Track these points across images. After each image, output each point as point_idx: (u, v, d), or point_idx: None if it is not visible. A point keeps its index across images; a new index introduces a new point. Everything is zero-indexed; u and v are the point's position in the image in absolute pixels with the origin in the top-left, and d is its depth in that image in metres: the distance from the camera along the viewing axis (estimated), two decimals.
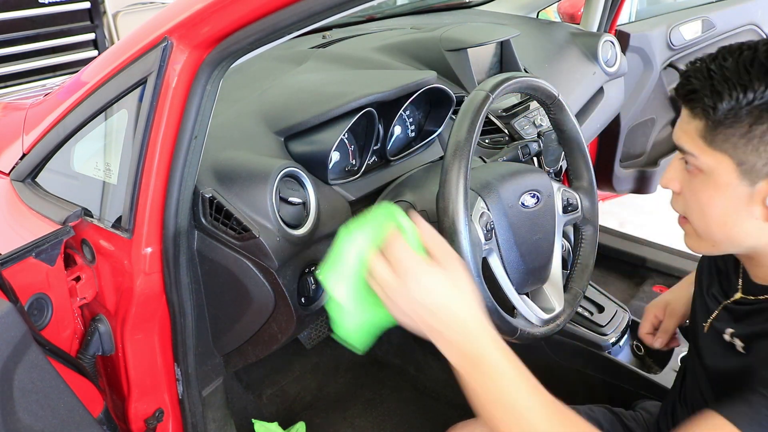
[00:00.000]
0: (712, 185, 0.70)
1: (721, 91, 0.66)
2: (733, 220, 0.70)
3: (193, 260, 1.02)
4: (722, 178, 0.68)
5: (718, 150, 0.68)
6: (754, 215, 0.68)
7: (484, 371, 0.67)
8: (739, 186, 0.67)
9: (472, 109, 0.89)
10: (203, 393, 1.15)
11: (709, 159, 0.69)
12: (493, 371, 0.67)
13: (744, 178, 0.67)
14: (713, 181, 0.69)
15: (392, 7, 2.32)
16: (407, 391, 1.70)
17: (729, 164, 0.67)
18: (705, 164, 0.69)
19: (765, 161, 0.65)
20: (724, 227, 0.71)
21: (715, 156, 0.68)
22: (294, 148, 1.09)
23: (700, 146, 0.69)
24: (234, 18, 0.80)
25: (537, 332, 0.96)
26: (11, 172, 1.22)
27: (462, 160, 0.85)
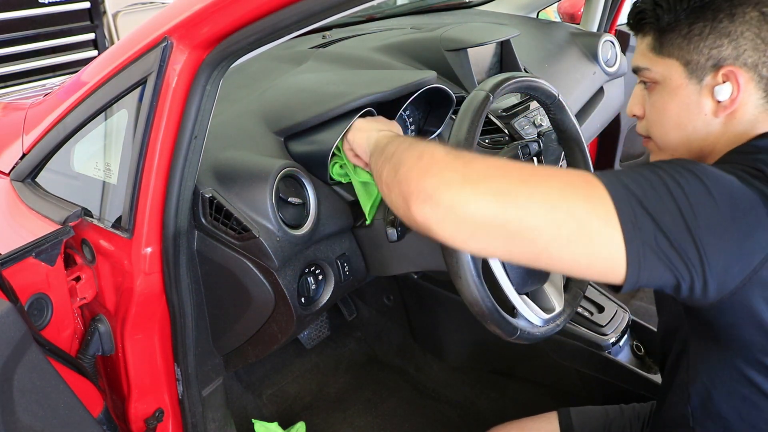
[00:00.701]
0: (667, 91, 0.78)
1: (663, 5, 0.75)
2: (686, 119, 0.77)
3: (193, 260, 1.02)
4: (674, 81, 0.76)
5: (666, 56, 0.76)
6: (703, 110, 0.75)
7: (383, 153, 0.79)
8: (689, 85, 0.75)
9: (472, 109, 0.89)
10: (203, 393, 1.15)
11: (660, 67, 0.77)
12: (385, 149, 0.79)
13: (692, 77, 0.75)
14: (667, 87, 0.77)
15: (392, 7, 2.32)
16: (407, 391, 1.70)
17: (677, 67, 0.75)
18: (658, 74, 0.78)
19: (707, 57, 0.73)
20: (679, 128, 0.78)
21: (665, 62, 0.76)
22: (294, 148, 1.09)
23: (651, 58, 0.78)
24: (234, 18, 0.80)
25: (537, 332, 0.96)
26: (11, 172, 1.22)
27: None
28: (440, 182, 0.63)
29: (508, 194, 0.60)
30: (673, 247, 0.59)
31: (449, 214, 0.62)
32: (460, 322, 1.60)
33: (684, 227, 0.59)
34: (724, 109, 0.74)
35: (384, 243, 1.08)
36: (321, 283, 1.08)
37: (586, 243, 0.59)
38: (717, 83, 0.73)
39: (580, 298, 1.07)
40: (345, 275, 1.10)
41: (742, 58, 0.71)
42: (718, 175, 0.63)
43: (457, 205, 0.61)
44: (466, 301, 0.86)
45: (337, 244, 1.09)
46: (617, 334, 1.37)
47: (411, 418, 1.62)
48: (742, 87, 0.72)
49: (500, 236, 0.61)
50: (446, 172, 0.64)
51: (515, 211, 0.60)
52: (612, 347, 1.36)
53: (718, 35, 0.72)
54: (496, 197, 0.60)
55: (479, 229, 0.61)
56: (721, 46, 0.72)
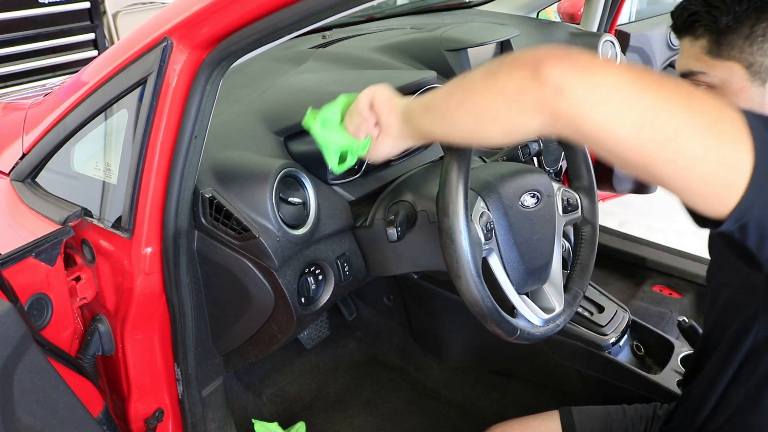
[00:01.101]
0: (728, 95, 0.73)
1: (719, 5, 0.70)
2: None
3: (193, 260, 1.02)
4: (735, 84, 0.72)
5: (726, 59, 0.72)
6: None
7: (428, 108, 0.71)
8: (752, 87, 0.71)
9: None
10: (203, 393, 1.15)
11: (720, 71, 0.72)
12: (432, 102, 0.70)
13: (755, 79, 0.71)
14: (728, 90, 0.73)
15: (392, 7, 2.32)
16: (407, 391, 1.70)
17: (739, 69, 0.71)
18: (717, 77, 0.73)
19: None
20: None
21: (725, 65, 0.72)
22: (294, 148, 1.09)
23: (708, 62, 0.73)
24: (234, 18, 0.80)
25: (537, 332, 0.96)
26: (11, 172, 1.22)
27: (462, 160, 0.85)
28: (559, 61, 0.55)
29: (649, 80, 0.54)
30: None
31: (585, 72, 0.54)
32: (460, 322, 1.60)
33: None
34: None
35: (384, 243, 1.08)
36: (321, 283, 1.08)
37: (717, 140, 0.53)
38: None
39: (580, 298, 1.08)
40: (345, 275, 1.10)
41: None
42: None
43: (594, 67, 0.54)
44: (466, 301, 0.86)
45: (337, 244, 1.09)
46: (617, 334, 1.37)
47: (411, 418, 1.62)
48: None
49: (634, 107, 0.53)
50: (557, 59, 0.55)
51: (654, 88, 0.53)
52: (612, 347, 1.36)
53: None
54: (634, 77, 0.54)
55: (614, 95, 0.53)
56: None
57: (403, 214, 1.01)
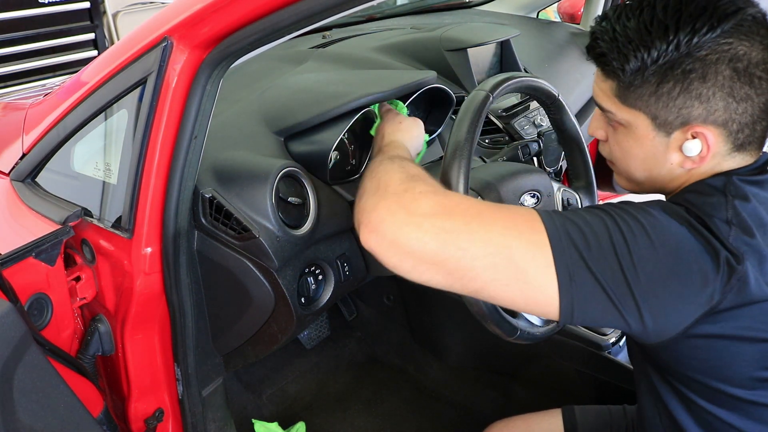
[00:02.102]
0: (632, 137, 0.75)
1: (627, 54, 0.70)
2: (652, 165, 0.75)
3: (193, 260, 1.02)
4: (640, 131, 0.74)
5: (632, 107, 0.73)
6: (670, 161, 0.73)
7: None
8: (656, 138, 0.73)
9: (472, 109, 0.89)
10: (203, 393, 1.15)
11: (626, 115, 0.74)
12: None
13: (660, 131, 0.72)
14: (632, 133, 0.75)
15: (392, 7, 2.32)
16: (407, 391, 1.70)
17: (644, 119, 0.72)
18: (623, 119, 0.74)
19: (675, 115, 0.70)
20: (644, 170, 0.77)
21: (631, 112, 0.73)
22: (294, 148, 1.09)
23: (616, 104, 0.74)
24: (234, 18, 0.80)
25: (537, 332, 0.96)
26: (11, 172, 1.22)
27: (462, 160, 0.85)
28: (386, 215, 0.67)
29: (450, 234, 0.63)
30: (610, 300, 0.62)
31: (392, 247, 0.66)
32: (460, 322, 1.60)
33: (623, 283, 0.61)
34: (693, 163, 0.72)
35: None
36: (321, 283, 1.08)
37: (523, 288, 0.63)
38: (686, 139, 0.71)
39: None
40: (345, 275, 1.10)
41: (712, 117, 0.69)
42: (667, 229, 0.64)
43: (399, 239, 0.65)
44: (466, 301, 0.86)
45: (337, 244, 1.09)
46: (617, 334, 1.37)
47: (411, 418, 1.62)
48: (712, 145, 0.70)
49: (441, 271, 0.64)
50: (394, 205, 0.68)
51: (455, 251, 0.63)
52: (612, 347, 1.36)
53: (688, 96, 0.68)
54: (438, 236, 0.63)
55: (421, 263, 0.65)
56: (691, 107, 0.69)
57: None
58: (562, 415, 1.10)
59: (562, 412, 1.10)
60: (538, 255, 0.62)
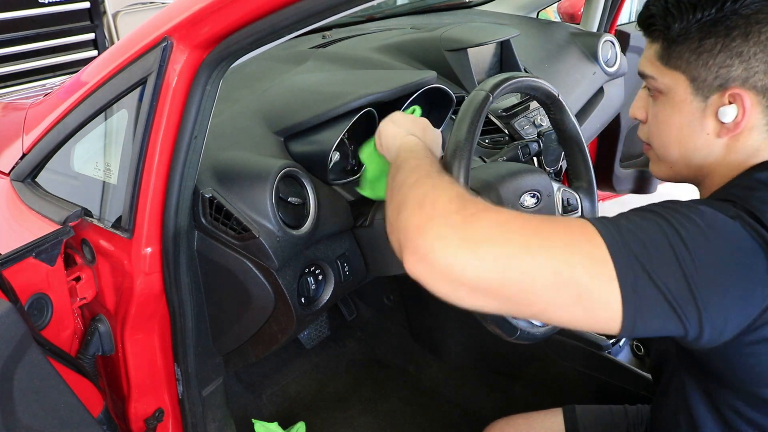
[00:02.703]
0: (670, 104, 0.75)
1: (674, 12, 0.70)
2: (688, 136, 0.74)
3: (193, 260, 1.02)
4: (678, 95, 0.73)
5: (673, 68, 0.73)
6: (706, 130, 0.72)
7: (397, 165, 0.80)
8: (694, 101, 0.72)
9: (472, 109, 0.89)
10: (203, 393, 1.15)
11: (666, 78, 0.74)
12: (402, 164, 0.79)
13: (697, 94, 0.71)
14: (671, 99, 0.74)
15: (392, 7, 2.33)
16: (407, 391, 1.70)
17: (683, 81, 0.72)
18: (663, 84, 0.74)
19: (714, 75, 0.69)
20: (679, 144, 0.76)
21: (671, 75, 0.73)
22: (294, 148, 1.09)
23: (658, 67, 0.74)
24: (234, 18, 0.80)
25: (537, 333, 0.96)
26: (11, 172, 1.22)
27: (462, 160, 0.85)
28: (436, 240, 0.60)
29: (509, 259, 0.58)
30: (672, 308, 0.59)
31: (444, 276, 0.60)
32: (460, 322, 1.60)
33: (686, 289, 0.58)
34: (728, 132, 0.70)
35: (384, 243, 1.08)
36: (321, 283, 1.08)
37: (586, 306, 0.59)
38: (723, 104, 0.70)
39: None
40: (345, 275, 1.10)
41: (752, 80, 0.67)
42: (721, 226, 0.61)
43: (453, 269, 0.59)
44: None
45: (337, 244, 1.09)
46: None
47: (411, 418, 1.62)
48: (748, 111, 0.68)
49: (498, 298, 0.60)
50: (444, 228, 0.61)
51: (515, 275, 0.58)
52: (612, 347, 1.36)
53: (729, 54, 0.67)
54: (496, 262, 0.58)
55: (476, 291, 0.59)
56: (731, 66, 0.68)
57: None
58: (563, 414, 1.10)
59: (563, 411, 1.10)
60: (600, 271, 0.58)
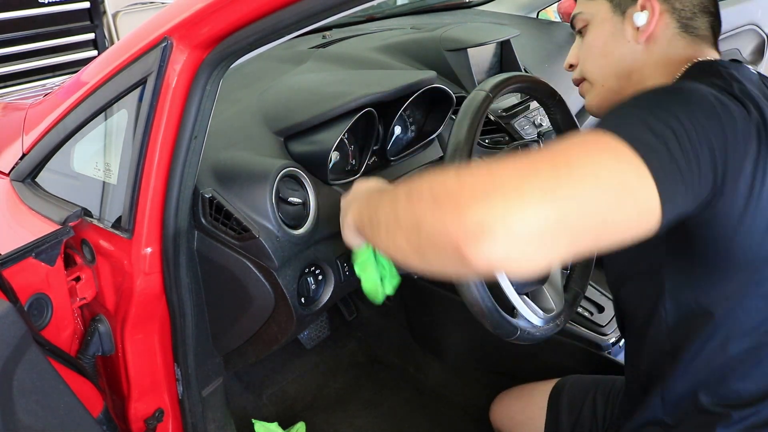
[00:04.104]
0: (595, 26, 0.87)
1: None
2: (612, 46, 0.85)
3: (193, 260, 1.02)
4: (600, 15, 0.86)
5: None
6: (626, 37, 0.83)
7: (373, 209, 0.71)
8: (614, 17, 0.85)
9: (472, 109, 0.89)
10: (203, 393, 1.15)
11: (591, 8, 0.87)
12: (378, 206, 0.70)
13: (616, 11, 0.84)
14: (595, 23, 0.87)
15: (392, 7, 2.32)
16: (407, 391, 1.70)
17: (604, 4, 0.86)
18: (588, 14, 0.87)
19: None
20: (606, 56, 0.86)
21: (594, 4, 0.87)
22: (294, 148, 1.09)
23: (583, 3, 0.89)
24: (234, 18, 0.80)
25: (537, 333, 0.96)
26: (11, 172, 1.22)
27: (462, 160, 0.85)
28: (483, 210, 0.53)
29: (554, 189, 0.53)
30: (693, 171, 0.60)
31: (511, 239, 0.52)
32: (460, 322, 1.60)
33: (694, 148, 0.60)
34: (643, 33, 0.81)
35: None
36: (321, 283, 1.08)
37: (631, 200, 0.56)
38: (636, 11, 0.82)
39: (580, 299, 1.07)
40: (345, 275, 1.10)
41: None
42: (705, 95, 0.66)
43: (515, 225, 0.52)
44: (466, 301, 0.86)
45: (337, 244, 1.09)
46: (617, 334, 1.37)
47: (411, 418, 1.62)
48: (656, 12, 0.80)
49: (565, 234, 0.54)
50: (478, 195, 0.54)
51: (568, 201, 0.53)
52: (612, 347, 1.36)
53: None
54: (545, 197, 0.53)
55: (544, 238, 0.53)
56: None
57: None
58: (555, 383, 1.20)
59: (556, 382, 1.20)
60: (628, 163, 0.56)
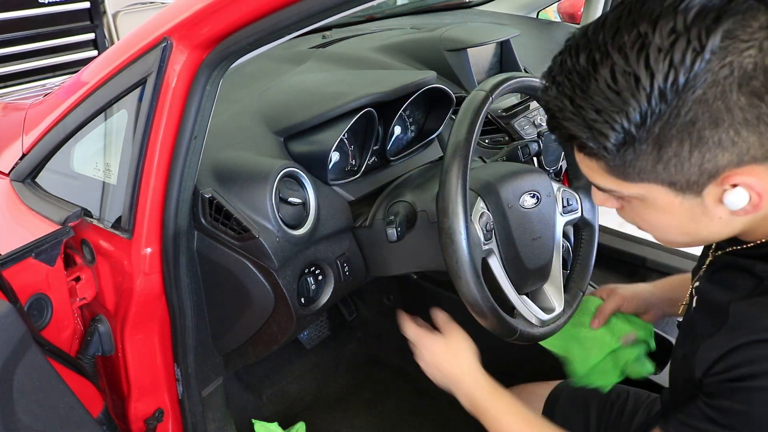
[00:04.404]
0: (654, 209, 0.61)
1: (601, 130, 0.54)
2: (696, 229, 0.61)
3: (193, 260, 1.02)
4: (660, 201, 0.59)
5: (638, 182, 0.58)
6: (717, 215, 0.58)
7: (482, 415, 0.88)
8: (685, 201, 0.58)
9: (471, 109, 0.89)
10: (203, 393, 1.15)
11: (635, 190, 0.59)
12: (487, 416, 0.87)
13: (686, 193, 0.57)
14: (653, 205, 0.60)
15: (392, 7, 2.32)
16: (407, 391, 1.70)
17: (660, 189, 0.58)
18: (635, 194, 0.60)
19: (698, 173, 0.54)
20: (688, 236, 0.63)
21: (640, 186, 0.58)
22: (294, 148, 1.09)
23: (616, 182, 0.59)
24: (234, 18, 0.80)
25: (536, 332, 0.96)
26: (11, 173, 1.22)
27: (462, 160, 0.85)
28: None
29: None
30: None
31: None
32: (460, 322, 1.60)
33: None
34: (747, 212, 0.56)
35: (383, 243, 1.08)
36: (321, 284, 1.08)
37: None
38: (724, 191, 0.55)
39: (580, 299, 1.07)
40: (345, 275, 1.10)
41: (746, 158, 0.52)
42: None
43: None
44: (465, 301, 0.86)
45: (336, 244, 1.09)
46: None
47: (411, 418, 1.62)
48: (762, 190, 0.54)
49: None
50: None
51: None
52: None
53: (706, 150, 0.52)
54: None
55: None
56: (715, 158, 0.53)
57: (402, 214, 1.01)
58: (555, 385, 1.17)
59: (558, 383, 1.17)
60: None
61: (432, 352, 0.96)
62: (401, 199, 1.05)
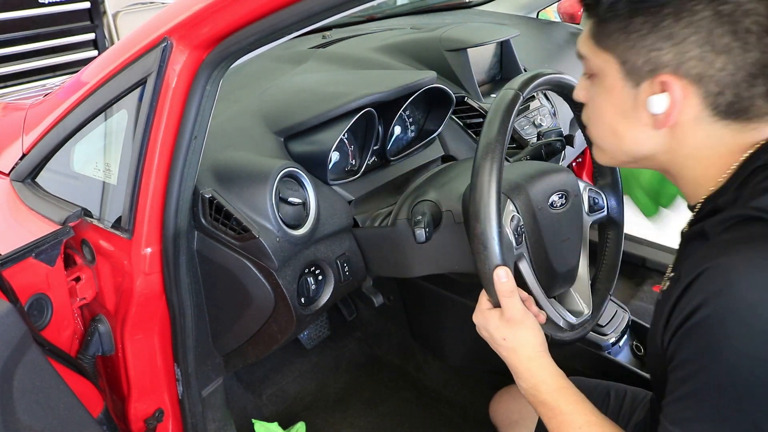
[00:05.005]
0: (603, 88, 0.68)
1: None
2: (623, 126, 0.68)
3: (193, 260, 1.02)
4: (609, 78, 0.66)
5: (603, 49, 0.66)
6: (642, 120, 0.65)
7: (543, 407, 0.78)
8: (624, 88, 0.65)
9: (502, 108, 0.85)
10: (203, 393, 1.15)
11: (598, 60, 0.67)
12: (550, 409, 0.77)
13: (628, 79, 0.64)
14: (603, 83, 0.68)
15: (392, 7, 2.32)
16: (407, 391, 1.70)
17: (614, 64, 0.65)
18: (595, 65, 0.68)
19: (644, 59, 0.62)
20: (615, 135, 0.69)
21: (602, 56, 0.66)
22: (294, 148, 1.09)
23: (590, 47, 0.68)
24: (234, 18, 0.80)
25: (566, 337, 0.92)
26: (11, 173, 1.22)
27: (494, 162, 0.80)
28: None
29: None
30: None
31: None
32: (460, 322, 1.60)
33: None
34: (662, 124, 0.63)
35: (407, 244, 1.04)
36: (321, 283, 1.08)
37: None
38: (653, 92, 0.62)
39: (607, 300, 1.05)
40: (345, 275, 1.10)
41: (684, 67, 0.60)
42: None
43: None
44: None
45: (337, 244, 1.09)
46: (617, 334, 1.37)
47: (411, 418, 1.62)
48: (679, 102, 0.61)
49: None
50: None
51: None
52: (612, 347, 1.36)
53: (659, 36, 0.60)
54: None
55: None
56: (661, 50, 0.60)
57: (429, 214, 0.97)
58: None
59: None
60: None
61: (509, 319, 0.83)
62: (425, 198, 1.01)
